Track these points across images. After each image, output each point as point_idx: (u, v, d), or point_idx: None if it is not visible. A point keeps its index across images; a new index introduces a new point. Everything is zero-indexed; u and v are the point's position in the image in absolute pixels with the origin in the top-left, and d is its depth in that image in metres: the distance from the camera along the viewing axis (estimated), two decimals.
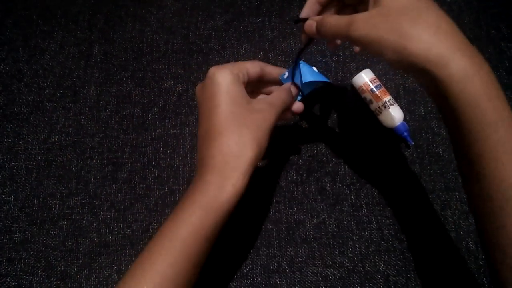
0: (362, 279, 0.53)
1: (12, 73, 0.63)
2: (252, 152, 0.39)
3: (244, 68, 0.44)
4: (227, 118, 0.40)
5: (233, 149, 0.39)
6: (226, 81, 0.41)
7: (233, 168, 0.39)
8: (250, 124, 0.40)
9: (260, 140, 0.40)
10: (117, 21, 0.67)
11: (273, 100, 0.45)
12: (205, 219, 0.38)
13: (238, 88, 0.42)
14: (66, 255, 0.54)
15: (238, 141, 0.39)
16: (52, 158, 0.59)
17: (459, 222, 0.56)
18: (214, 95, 0.41)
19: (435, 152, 0.59)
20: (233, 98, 0.41)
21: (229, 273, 0.53)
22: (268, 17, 0.67)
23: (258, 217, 0.56)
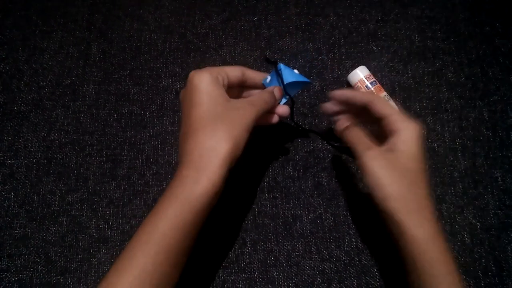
0: (358, 272, 0.54)
1: (12, 72, 0.64)
2: (227, 146, 0.40)
3: (223, 71, 0.45)
4: (203, 115, 0.41)
5: (207, 144, 0.40)
6: (204, 82, 0.42)
7: (207, 161, 0.39)
8: (226, 120, 0.41)
9: (236, 135, 0.41)
10: (115, 21, 0.68)
11: (254, 99, 0.45)
12: (183, 212, 0.39)
13: (217, 88, 0.43)
14: (65, 250, 0.54)
15: (212, 136, 0.40)
16: (51, 155, 0.59)
17: (454, 216, 0.56)
18: (192, 96, 0.42)
19: (430, 148, 0.60)
20: (211, 97, 0.42)
21: (227, 268, 0.54)
22: (265, 16, 0.68)
23: (255, 212, 0.57)
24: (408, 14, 0.68)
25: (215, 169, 0.39)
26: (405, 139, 0.43)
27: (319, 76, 0.64)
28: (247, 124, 0.42)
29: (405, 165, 0.42)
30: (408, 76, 0.64)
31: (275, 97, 0.48)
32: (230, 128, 0.41)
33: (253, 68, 0.63)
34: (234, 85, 0.47)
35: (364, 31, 0.67)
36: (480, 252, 0.55)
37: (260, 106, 0.45)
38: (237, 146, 0.41)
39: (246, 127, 0.42)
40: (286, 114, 0.50)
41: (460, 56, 0.65)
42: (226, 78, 0.45)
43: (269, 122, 0.50)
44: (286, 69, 0.49)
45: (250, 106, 0.44)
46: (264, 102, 0.46)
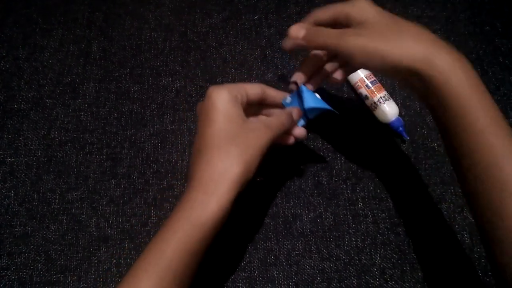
0: (358, 271, 0.54)
1: (12, 70, 0.64)
2: (238, 170, 0.39)
3: (243, 89, 0.44)
4: (218, 135, 0.41)
5: (219, 166, 0.39)
6: (222, 100, 0.41)
7: (217, 185, 0.39)
8: (240, 142, 0.41)
9: (248, 159, 0.40)
10: (116, 19, 0.68)
11: (271, 121, 0.44)
12: (190, 236, 0.38)
13: (234, 107, 0.42)
14: (65, 249, 0.54)
15: (224, 158, 0.40)
16: (51, 153, 0.59)
17: (454, 216, 0.56)
18: (209, 113, 0.42)
19: (430, 147, 0.60)
20: (227, 117, 0.41)
21: (227, 267, 0.54)
22: (265, 15, 0.68)
23: (255, 211, 0.57)
24: (408, 13, 0.68)
25: (224, 193, 0.39)
26: (360, 9, 0.42)
27: None
28: (261, 147, 0.41)
29: (382, 21, 0.41)
30: None
31: (293, 119, 0.47)
32: (243, 151, 0.40)
33: (254, 68, 0.64)
34: (253, 103, 0.47)
35: None
36: (480, 251, 0.55)
37: (277, 129, 0.44)
38: (248, 169, 0.40)
39: (260, 151, 0.41)
40: (302, 137, 0.49)
41: None
42: (245, 96, 0.44)
43: (284, 142, 0.49)
44: (308, 92, 0.48)
45: (265, 128, 0.43)
46: (281, 124, 0.45)
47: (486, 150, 0.35)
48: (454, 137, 0.38)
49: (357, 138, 0.60)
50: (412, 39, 0.39)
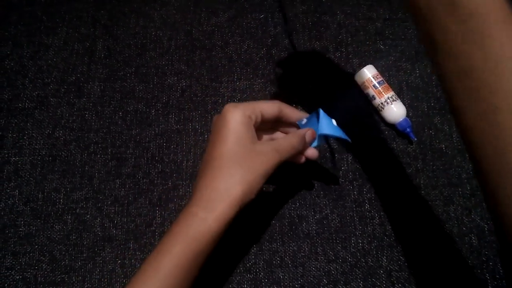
0: (364, 274, 0.53)
1: (17, 69, 0.63)
2: (239, 190, 0.41)
3: (258, 108, 0.45)
4: (225, 155, 0.42)
5: (221, 185, 0.41)
6: (236, 120, 0.43)
7: (217, 202, 0.40)
8: (245, 164, 0.42)
9: (251, 181, 0.41)
10: (121, 17, 0.67)
11: (280, 144, 0.45)
12: (188, 251, 0.39)
13: (246, 129, 0.43)
14: (70, 249, 0.54)
15: (228, 178, 0.41)
16: (56, 153, 0.59)
17: (462, 218, 0.56)
18: (221, 131, 0.43)
19: (438, 148, 0.59)
20: (237, 138, 0.42)
21: (232, 268, 0.54)
22: (271, 14, 0.67)
23: (261, 212, 0.56)
24: None
25: (223, 212, 0.40)
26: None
27: (326, 75, 0.63)
28: (265, 171, 0.42)
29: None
30: (416, 75, 0.63)
31: (305, 141, 0.48)
32: (247, 172, 0.41)
33: (260, 67, 0.63)
34: (268, 121, 0.48)
35: (372, 30, 0.66)
36: (487, 254, 0.54)
37: (286, 153, 0.45)
38: (250, 191, 0.41)
39: (264, 174, 0.42)
40: (314, 158, 0.49)
41: None
42: (259, 116, 0.45)
43: (295, 161, 0.49)
44: (325, 118, 0.49)
45: (274, 152, 0.44)
46: (291, 148, 0.45)
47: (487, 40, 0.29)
48: (449, 33, 0.31)
49: (364, 139, 0.60)
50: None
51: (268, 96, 0.62)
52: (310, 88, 0.63)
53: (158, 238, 0.55)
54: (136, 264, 0.53)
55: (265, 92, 0.62)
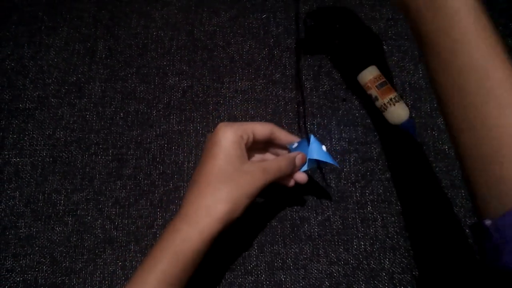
0: (367, 276, 0.53)
1: (17, 69, 0.63)
2: (224, 208, 0.41)
3: (250, 129, 0.46)
4: (213, 172, 0.43)
5: (206, 201, 0.41)
6: (227, 139, 0.44)
7: (201, 218, 0.41)
8: (232, 182, 0.42)
9: (236, 200, 0.42)
10: (122, 17, 0.67)
11: (269, 167, 0.45)
12: (172, 266, 0.40)
13: (236, 149, 0.44)
14: (71, 251, 0.54)
15: (213, 195, 0.42)
16: (57, 154, 0.59)
17: (465, 220, 0.55)
18: (212, 149, 0.44)
19: (440, 150, 0.59)
20: (227, 156, 0.43)
21: (234, 270, 0.53)
22: (273, 13, 0.67)
23: (262, 214, 0.56)
24: None
25: (207, 227, 0.41)
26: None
27: (328, 76, 0.63)
28: (251, 190, 0.43)
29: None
30: (419, 76, 0.63)
31: (294, 165, 0.48)
32: (232, 190, 0.42)
33: (262, 68, 0.63)
34: (260, 142, 0.49)
35: (375, 30, 0.66)
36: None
37: (273, 174, 0.45)
38: (235, 209, 0.42)
39: (249, 194, 0.43)
40: (303, 182, 0.50)
41: None
42: (251, 136, 0.46)
43: (284, 184, 0.50)
44: (316, 143, 0.50)
45: (261, 173, 0.44)
46: (279, 170, 0.46)
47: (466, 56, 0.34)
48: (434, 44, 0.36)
49: (366, 141, 0.59)
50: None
51: (270, 96, 0.62)
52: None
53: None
54: (137, 266, 0.53)
55: (267, 93, 0.62)
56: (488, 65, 0.33)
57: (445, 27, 0.35)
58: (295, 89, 0.62)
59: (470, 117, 0.34)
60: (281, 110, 0.61)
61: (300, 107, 0.61)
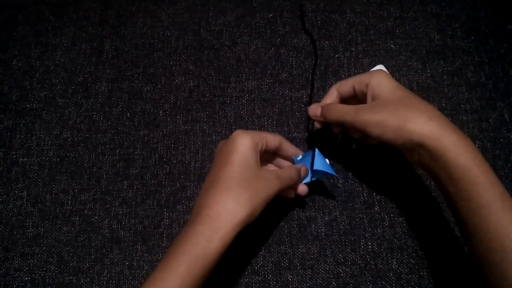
0: (374, 277, 0.53)
1: (24, 69, 0.63)
2: (245, 212, 0.42)
3: (264, 138, 0.48)
4: (234, 176, 0.43)
5: (228, 205, 0.42)
6: (245, 145, 0.45)
7: (223, 222, 0.41)
8: (252, 187, 0.43)
9: (255, 204, 0.43)
10: (129, 17, 0.67)
11: (282, 174, 0.47)
12: (193, 269, 0.39)
13: (253, 155, 0.45)
14: (78, 250, 0.54)
15: (235, 199, 0.42)
16: (64, 154, 0.59)
17: None
18: (230, 154, 0.44)
19: None
20: (246, 162, 0.44)
21: (241, 270, 0.53)
22: (280, 13, 0.67)
23: (269, 214, 0.56)
24: (427, 11, 0.66)
25: (229, 232, 0.41)
26: (378, 83, 0.47)
27: (335, 75, 0.63)
28: (268, 196, 0.44)
29: (394, 98, 0.45)
30: (427, 75, 0.62)
31: (300, 176, 0.50)
32: (253, 196, 0.43)
33: (269, 68, 0.63)
34: (269, 152, 0.50)
35: (382, 29, 0.65)
36: None
37: (285, 182, 0.47)
38: (253, 214, 0.43)
39: (267, 199, 0.44)
40: (304, 193, 0.51)
41: (480, 55, 0.63)
42: (265, 145, 0.48)
43: (286, 195, 0.51)
44: (320, 156, 0.52)
45: (276, 179, 0.45)
46: (290, 179, 0.48)
47: (492, 222, 0.39)
48: (461, 207, 0.41)
49: None
50: (423, 117, 0.42)
51: (277, 96, 0.62)
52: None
53: (166, 240, 0.54)
54: (144, 266, 0.53)
55: (274, 93, 0.62)
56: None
57: (467, 197, 0.40)
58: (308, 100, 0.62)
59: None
60: (288, 109, 0.61)
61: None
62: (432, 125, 0.42)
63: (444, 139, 0.41)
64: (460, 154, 0.40)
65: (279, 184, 0.45)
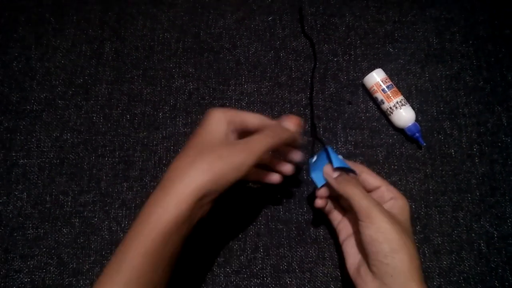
0: None
1: (25, 70, 0.63)
2: (203, 178, 0.39)
3: (240, 116, 0.45)
4: (196, 145, 0.42)
5: (184, 171, 0.40)
6: (213, 118, 0.43)
7: (178, 188, 0.39)
8: (214, 153, 0.40)
9: (218, 170, 0.39)
10: (129, 19, 0.67)
11: (255, 138, 0.43)
12: (150, 239, 0.38)
13: (221, 127, 0.43)
14: (78, 252, 0.54)
15: (192, 165, 0.40)
16: (64, 155, 0.59)
17: (471, 224, 0.55)
18: (199, 127, 0.44)
19: (447, 153, 0.59)
20: (212, 132, 0.43)
21: (239, 273, 0.54)
22: (279, 16, 0.67)
23: (268, 216, 0.56)
24: (426, 15, 0.66)
25: (184, 197, 0.38)
26: (401, 206, 0.46)
27: (334, 79, 0.63)
28: (236, 162, 0.41)
29: (403, 226, 0.43)
30: (425, 79, 0.63)
31: (284, 130, 0.46)
32: (213, 161, 0.40)
33: (268, 71, 0.63)
34: (251, 131, 0.46)
35: (381, 33, 0.66)
36: (496, 261, 0.54)
37: (264, 145, 0.43)
38: (215, 181, 0.39)
39: (235, 165, 0.40)
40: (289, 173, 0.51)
41: (478, 60, 0.64)
42: (242, 123, 0.45)
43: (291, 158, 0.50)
44: (334, 154, 0.48)
45: (247, 144, 0.42)
46: (271, 138, 0.44)
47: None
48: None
49: (372, 144, 0.59)
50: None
51: (276, 99, 0.62)
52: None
53: None
54: None
55: (273, 95, 0.62)
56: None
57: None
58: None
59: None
60: (287, 112, 0.61)
61: (307, 110, 0.61)
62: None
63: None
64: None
65: (249, 147, 0.42)
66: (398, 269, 0.40)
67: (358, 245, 0.47)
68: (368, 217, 0.42)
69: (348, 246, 0.48)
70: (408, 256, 0.40)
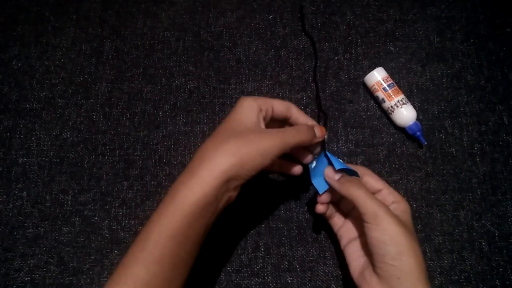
0: None
1: (24, 69, 0.63)
2: (229, 160, 0.39)
3: (269, 103, 0.46)
4: (223, 129, 0.42)
5: (210, 154, 0.40)
6: (244, 105, 0.44)
7: (204, 170, 0.39)
8: (242, 138, 0.41)
9: (244, 153, 0.40)
10: (129, 18, 0.67)
11: (286, 129, 0.45)
12: (174, 220, 0.38)
13: (252, 114, 0.43)
14: (78, 251, 0.54)
15: (219, 148, 0.40)
16: (64, 154, 0.59)
17: (472, 223, 0.55)
18: (229, 114, 0.44)
19: (448, 152, 0.59)
20: (241, 119, 0.43)
21: (240, 272, 0.53)
22: (280, 14, 0.67)
23: (269, 215, 0.56)
24: (427, 14, 0.66)
25: (209, 179, 0.39)
26: (403, 209, 0.46)
27: (335, 77, 0.63)
28: (263, 147, 0.41)
29: (408, 228, 0.43)
30: (426, 78, 0.62)
31: (314, 135, 0.46)
32: (240, 144, 0.40)
33: (269, 69, 0.63)
34: (278, 119, 0.48)
35: (382, 31, 0.65)
36: (498, 260, 0.54)
37: (291, 137, 0.43)
38: (241, 165, 0.40)
39: (262, 151, 0.41)
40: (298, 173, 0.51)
41: (480, 58, 0.64)
42: (270, 110, 0.46)
43: (301, 159, 0.51)
44: (334, 157, 0.47)
45: (277, 132, 0.43)
46: (297, 133, 0.44)
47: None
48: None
49: (373, 143, 0.59)
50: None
51: (277, 97, 0.61)
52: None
53: None
54: None
55: (273, 94, 0.62)
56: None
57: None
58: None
59: None
60: None
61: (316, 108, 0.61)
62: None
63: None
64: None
65: (280, 137, 0.42)
66: (405, 272, 0.40)
67: (363, 248, 0.47)
68: (375, 219, 0.42)
69: (351, 251, 0.48)
70: (415, 258, 0.40)
